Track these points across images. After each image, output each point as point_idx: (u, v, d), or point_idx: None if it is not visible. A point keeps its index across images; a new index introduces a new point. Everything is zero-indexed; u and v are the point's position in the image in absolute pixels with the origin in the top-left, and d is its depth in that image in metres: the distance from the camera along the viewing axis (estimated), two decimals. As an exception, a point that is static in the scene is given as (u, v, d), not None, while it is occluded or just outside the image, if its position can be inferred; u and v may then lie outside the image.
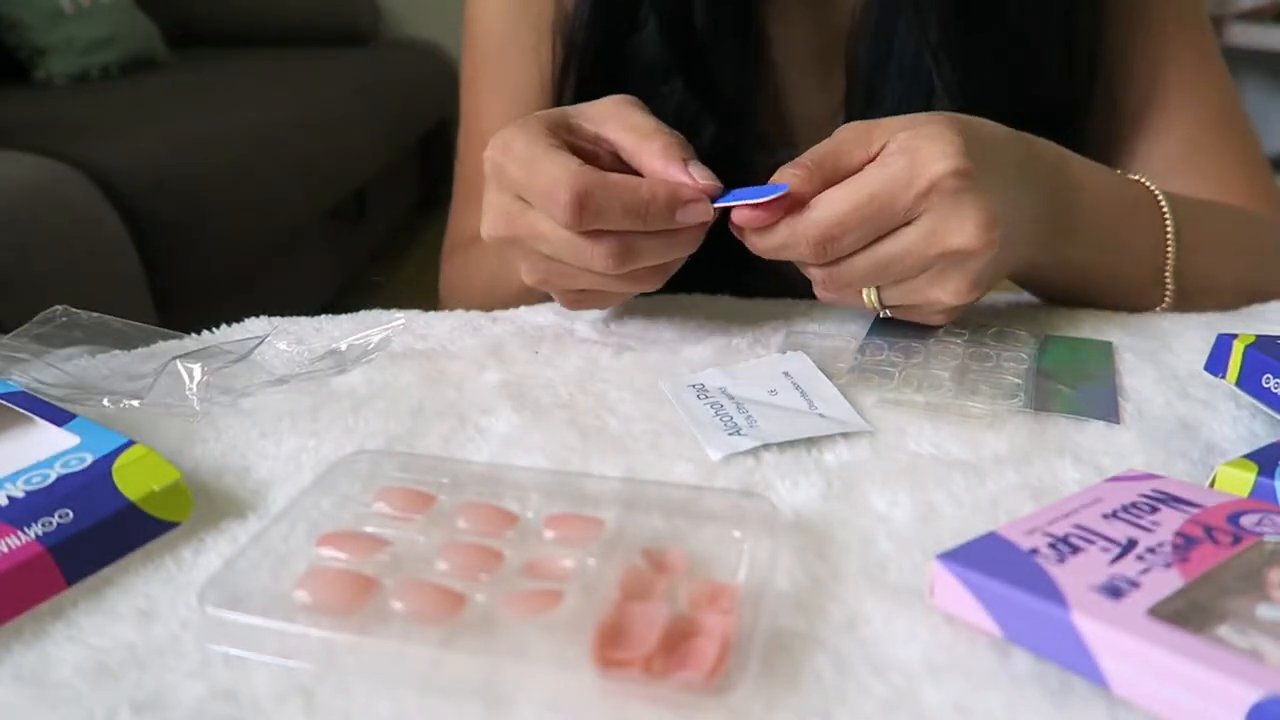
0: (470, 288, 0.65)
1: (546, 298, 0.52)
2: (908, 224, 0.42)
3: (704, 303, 0.58)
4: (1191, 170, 0.57)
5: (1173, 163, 0.58)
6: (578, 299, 0.48)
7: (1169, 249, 0.51)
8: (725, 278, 0.58)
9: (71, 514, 0.32)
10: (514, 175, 0.42)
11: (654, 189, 0.41)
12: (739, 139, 0.60)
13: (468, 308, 0.57)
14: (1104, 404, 0.44)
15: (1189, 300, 0.53)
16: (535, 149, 0.42)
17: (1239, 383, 0.42)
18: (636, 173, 0.44)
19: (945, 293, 0.44)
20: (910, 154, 0.41)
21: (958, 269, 0.43)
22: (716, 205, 0.43)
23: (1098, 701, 0.27)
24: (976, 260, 0.42)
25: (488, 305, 0.56)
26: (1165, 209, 0.52)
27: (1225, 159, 0.58)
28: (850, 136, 0.43)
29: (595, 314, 0.56)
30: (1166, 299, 0.53)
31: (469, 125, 0.69)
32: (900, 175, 0.40)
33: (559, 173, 0.40)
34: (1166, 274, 0.52)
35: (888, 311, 0.46)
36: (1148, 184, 0.52)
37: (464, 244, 0.68)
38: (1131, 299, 0.53)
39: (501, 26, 0.63)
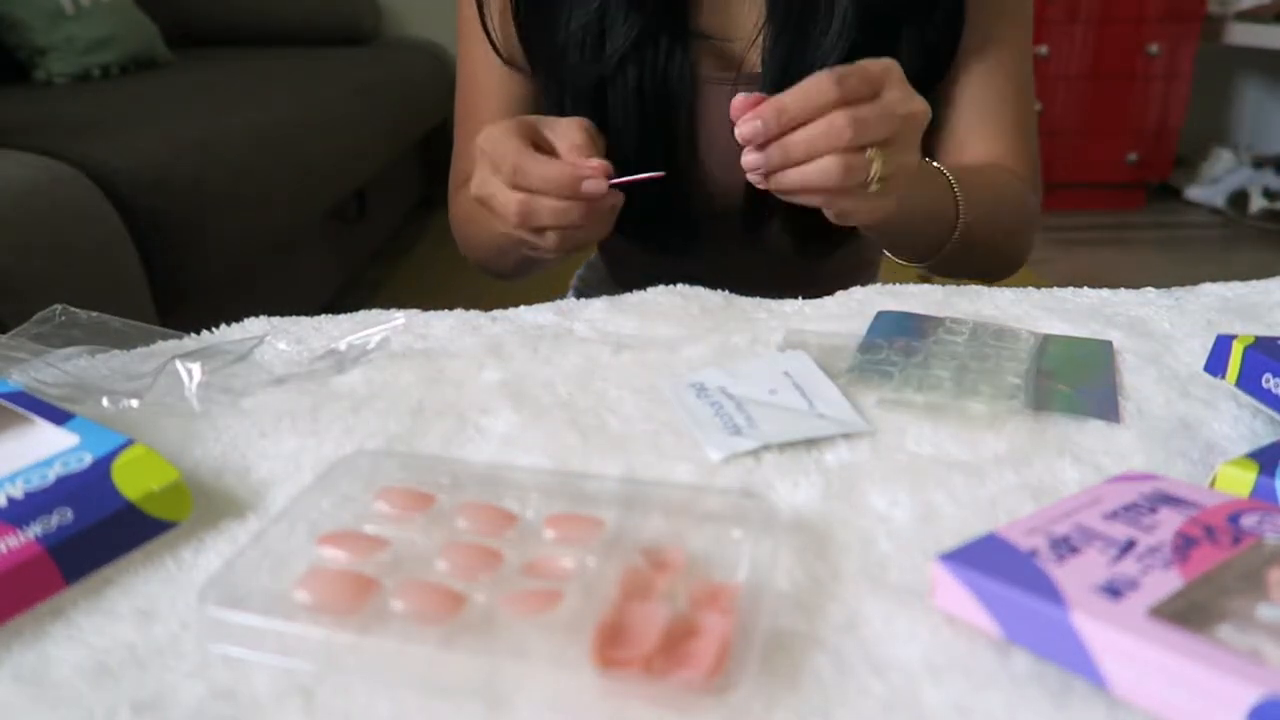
0: (471, 216, 0.76)
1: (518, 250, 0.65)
2: (876, 95, 0.52)
3: (703, 301, 0.58)
4: (987, 131, 0.75)
5: (973, 124, 0.76)
6: (524, 245, 0.61)
7: (958, 197, 0.68)
8: (668, 266, 0.74)
9: (71, 514, 0.32)
10: (487, 150, 0.57)
11: (563, 170, 0.55)
12: (671, 30, 0.71)
13: (474, 237, 0.77)
14: (1104, 403, 0.44)
15: (971, 232, 0.68)
16: (504, 136, 0.56)
17: (1239, 383, 0.42)
18: None
19: (911, 155, 0.54)
20: (862, 64, 0.53)
21: (916, 134, 0.54)
22: (612, 182, 0.55)
23: (1098, 701, 0.27)
24: (922, 129, 0.54)
25: (489, 239, 0.73)
26: (952, 179, 0.68)
27: (1016, 126, 0.76)
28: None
29: (595, 313, 0.56)
30: (956, 234, 0.68)
31: (461, 72, 0.81)
32: (864, 65, 0.52)
33: (509, 150, 0.55)
34: (959, 215, 0.67)
35: (876, 185, 0.53)
36: (939, 167, 0.69)
37: (466, 177, 0.79)
38: (936, 228, 0.68)
39: None
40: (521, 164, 0.55)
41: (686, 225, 0.79)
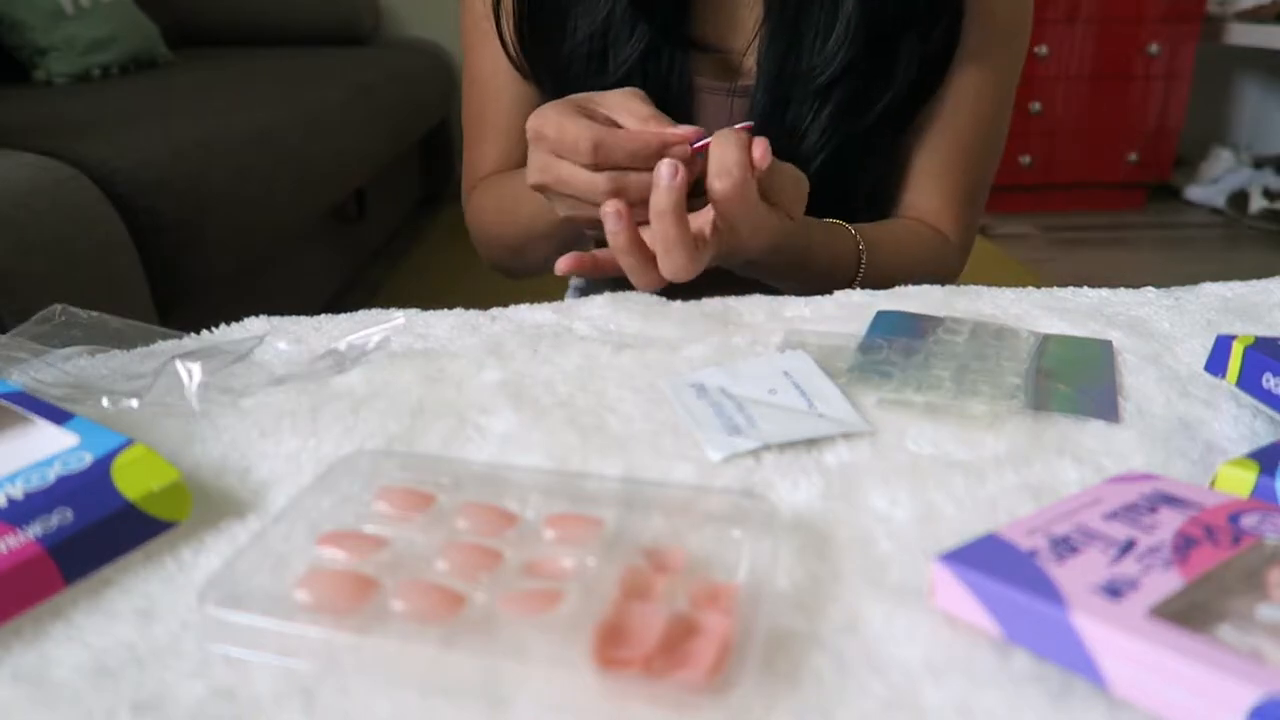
0: (501, 208, 0.76)
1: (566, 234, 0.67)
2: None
3: (703, 301, 0.58)
4: (931, 188, 0.77)
5: (920, 178, 0.77)
6: (593, 226, 0.58)
7: (860, 246, 0.69)
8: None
9: (71, 514, 0.32)
10: (549, 135, 0.54)
11: (647, 137, 0.54)
12: (675, 41, 0.71)
13: (500, 229, 0.76)
14: (1104, 403, 0.44)
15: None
16: (564, 117, 0.54)
17: (1239, 383, 0.42)
18: None
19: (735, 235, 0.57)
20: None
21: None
22: (694, 146, 0.54)
23: (1098, 701, 0.27)
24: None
25: (525, 226, 0.72)
26: (855, 233, 0.70)
27: (965, 195, 0.77)
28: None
29: (594, 312, 0.56)
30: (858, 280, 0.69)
31: (468, 74, 0.81)
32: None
33: (582, 130, 0.53)
34: (861, 265, 0.69)
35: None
36: (845, 225, 0.70)
37: (482, 177, 0.80)
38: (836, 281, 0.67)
39: None
40: (603, 140, 0.53)
41: None
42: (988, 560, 0.29)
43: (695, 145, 0.54)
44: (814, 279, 0.66)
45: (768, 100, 0.71)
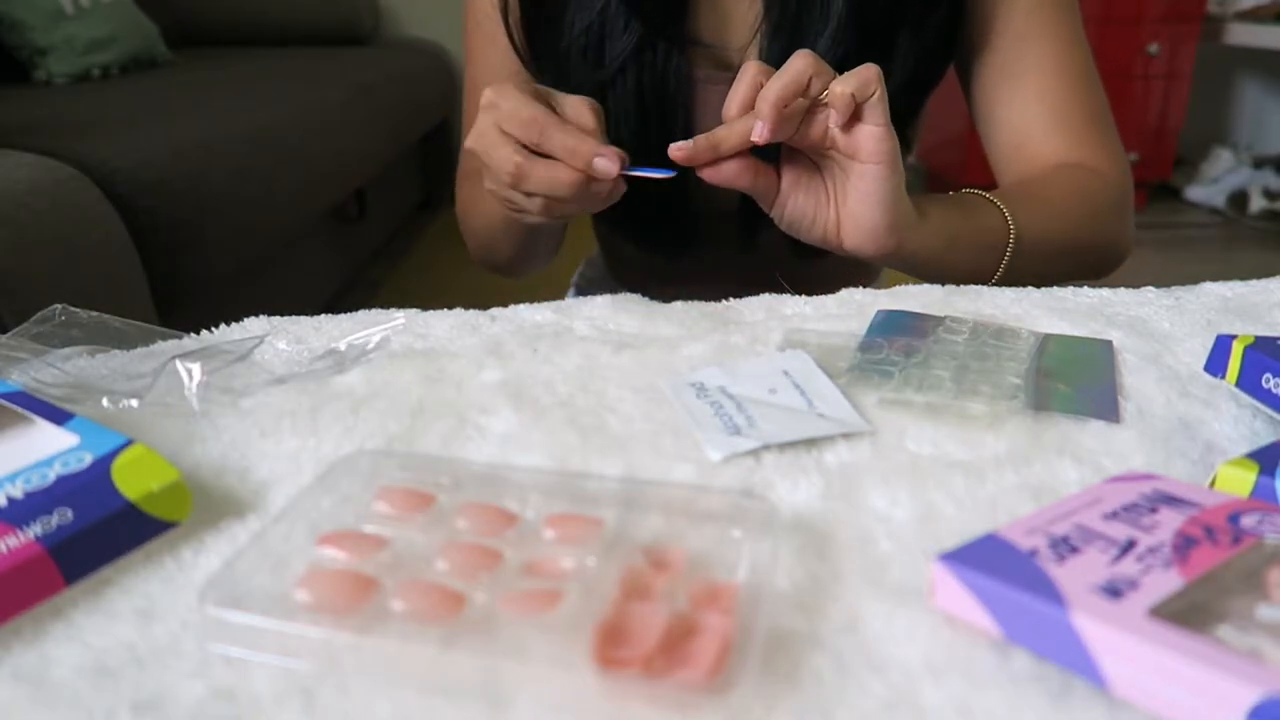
0: (474, 202, 0.79)
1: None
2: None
3: (703, 301, 0.58)
4: (1056, 128, 0.73)
5: (1041, 121, 0.73)
6: (510, 208, 0.62)
7: (1009, 221, 0.66)
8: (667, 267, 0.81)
9: (71, 514, 0.32)
10: (503, 108, 0.56)
11: (583, 141, 0.55)
12: (670, 37, 0.72)
13: (472, 225, 0.79)
14: (1104, 403, 0.44)
15: (1025, 256, 0.66)
16: (522, 95, 0.56)
17: (1239, 383, 0.42)
18: None
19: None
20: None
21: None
22: (622, 172, 0.56)
23: (1098, 701, 0.27)
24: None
25: (485, 220, 0.75)
26: (995, 199, 0.66)
27: (1083, 119, 0.74)
28: None
29: (594, 312, 0.56)
30: (1008, 255, 0.65)
31: (470, 74, 0.83)
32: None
33: (534, 109, 0.55)
34: (1010, 238, 0.65)
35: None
36: (979, 192, 0.68)
37: (472, 172, 0.82)
38: (978, 256, 0.65)
39: None
40: (548, 128, 0.55)
41: (685, 225, 0.79)
42: (988, 560, 0.29)
43: (622, 170, 0.56)
44: (970, 255, 0.64)
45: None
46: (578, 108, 0.57)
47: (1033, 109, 0.73)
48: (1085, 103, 0.74)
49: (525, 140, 0.55)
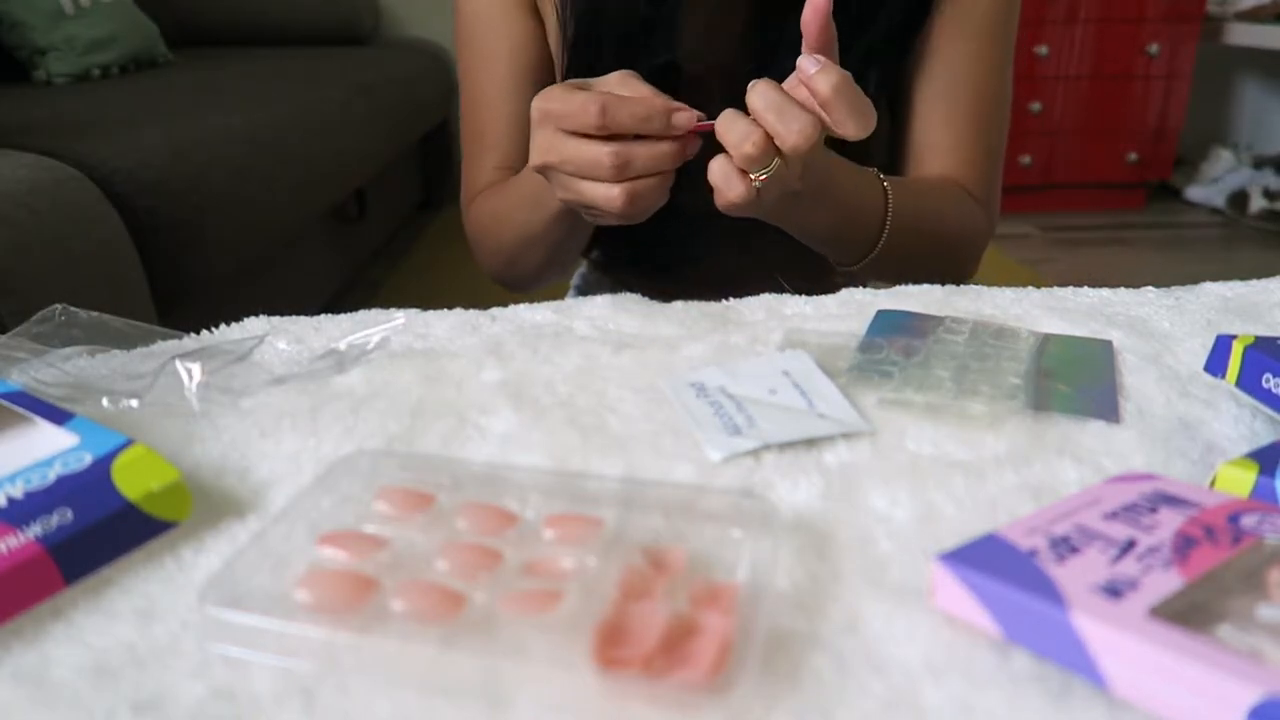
0: (497, 215, 0.77)
1: (571, 223, 0.68)
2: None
3: (702, 301, 0.58)
4: (947, 144, 0.77)
5: (935, 140, 0.78)
6: (593, 213, 0.59)
7: (888, 201, 0.69)
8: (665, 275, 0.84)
9: (71, 514, 0.32)
10: (554, 109, 0.54)
11: (654, 103, 0.54)
12: (669, 46, 0.73)
13: (496, 237, 0.76)
14: (1104, 403, 0.44)
15: (902, 238, 0.69)
16: (569, 90, 0.54)
17: (1239, 383, 0.42)
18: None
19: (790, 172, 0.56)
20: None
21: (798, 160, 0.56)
22: (695, 125, 0.54)
23: (1098, 701, 0.27)
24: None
25: (519, 230, 0.72)
26: (883, 180, 0.69)
27: (975, 147, 0.78)
28: None
29: (594, 312, 0.56)
30: (883, 238, 0.69)
31: (466, 93, 0.82)
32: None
33: (590, 96, 0.53)
34: (887, 221, 0.68)
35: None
36: (874, 172, 0.70)
37: (480, 190, 0.82)
38: (858, 232, 0.68)
39: (477, 7, 0.79)
40: (611, 102, 0.52)
41: (678, 221, 0.80)
42: (988, 560, 0.29)
43: (699, 125, 0.54)
44: (844, 212, 0.65)
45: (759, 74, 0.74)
46: (624, 80, 0.55)
47: (938, 130, 0.77)
48: (987, 133, 0.78)
49: (596, 129, 0.53)
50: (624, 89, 0.55)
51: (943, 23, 0.75)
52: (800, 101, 0.51)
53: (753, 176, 0.53)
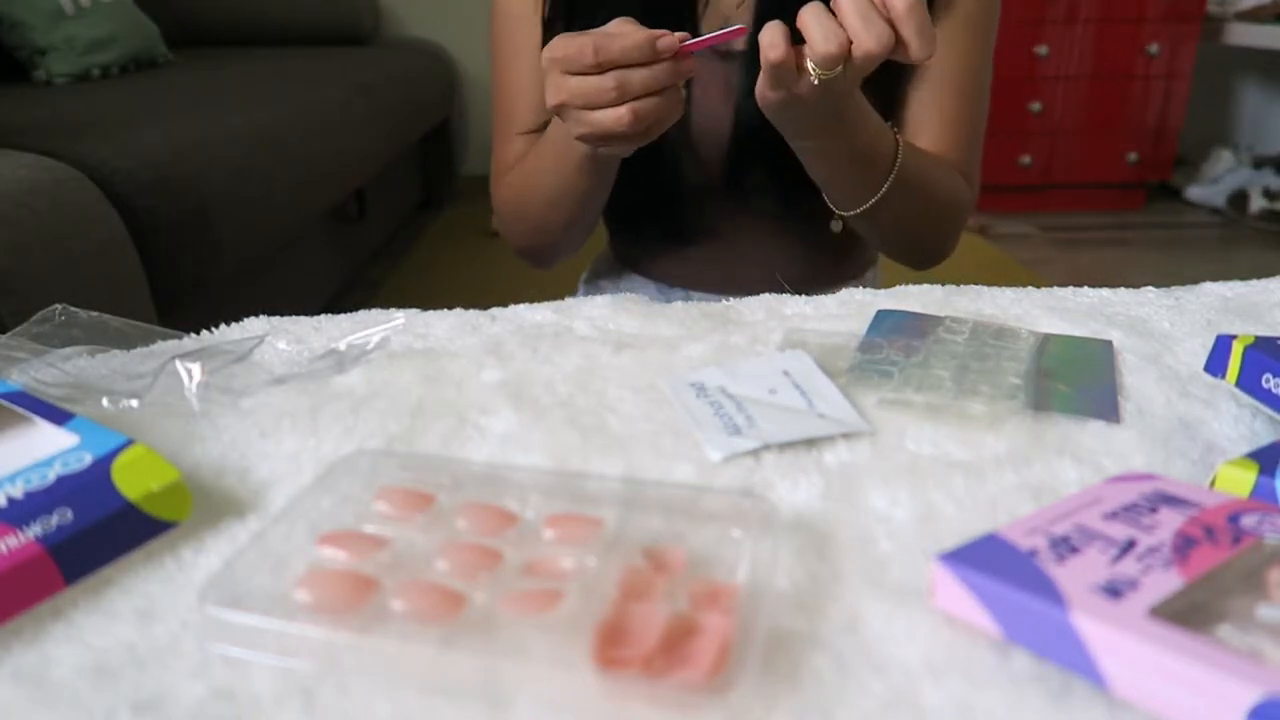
0: (528, 178, 0.82)
1: (592, 172, 0.72)
2: None
3: (702, 301, 0.58)
4: (935, 123, 0.82)
5: (930, 115, 0.83)
6: (608, 143, 0.63)
7: (898, 151, 0.72)
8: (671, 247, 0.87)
9: (71, 514, 0.32)
10: (558, 55, 0.60)
11: (638, 35, 0.58)
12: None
13: (527, 206, 0.82)
14: (1104, 403, 0.44)
15: (905, 191, 0.73)
16: (569, 37, 0.60)
17: (1239, 383, 0.42)
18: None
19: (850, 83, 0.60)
20: None
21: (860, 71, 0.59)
22: (684, 45, 0.58)
23: (1098, 701, 0.27)
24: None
25: (545, 190, 0.78)
26: (895, 130, 0.73)
27: (960, 127, 0.83)
28: None
29: (594, 312, 0.56)
30: (889, 183, 0.72)
31: (497, 82, 0.90)
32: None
33: (584, 38, 0.59)
34: (894, 167, 0.72)
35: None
36: (894, 131, 0.74)
37: (508, 167, 0.88)
38: (869, 173, 0.72)
39: (510, 6, 0.86)
40: (600, 41, 0.58)
41: (676, 188, 0.84)
42: (988, 560, 0.29)
43: (685, 45, 0.59)
44: (859, 149, 0.68)
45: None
46: (618, 23, 0.61)
47: (926, 111, 0.82)
48: (971, 116, 0.84)
49: (592, 66, 0.59)
50: (616, 27, 0.60)
51: (932, 12, 0.78)
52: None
53: (818, 73, 0.56)
